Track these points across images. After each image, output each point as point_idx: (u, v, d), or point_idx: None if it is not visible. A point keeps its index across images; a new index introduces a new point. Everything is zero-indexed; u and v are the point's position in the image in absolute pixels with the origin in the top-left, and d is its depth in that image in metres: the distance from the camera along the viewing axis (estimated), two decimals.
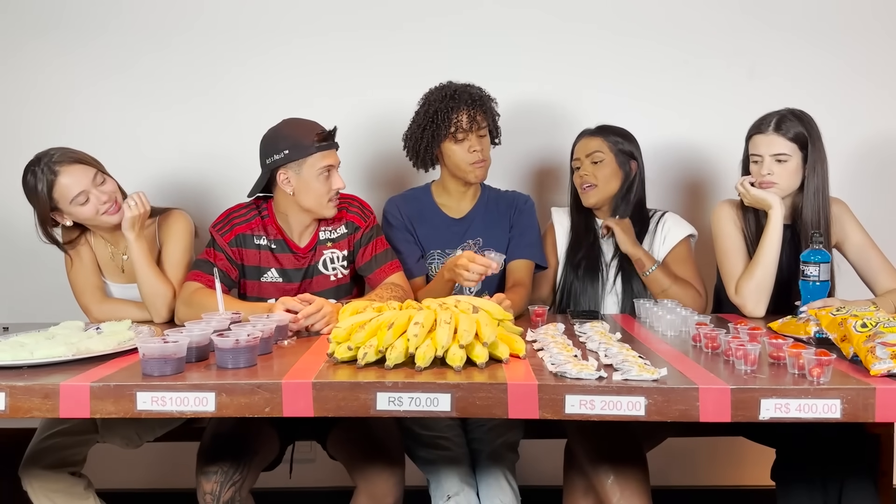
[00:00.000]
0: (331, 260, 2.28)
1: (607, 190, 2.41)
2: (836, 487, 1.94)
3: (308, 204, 2.18)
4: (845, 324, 1.64)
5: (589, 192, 2.41)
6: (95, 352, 1.67)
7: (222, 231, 2.22)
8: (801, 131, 2.20)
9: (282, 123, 2.20)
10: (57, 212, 2.13)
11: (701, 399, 1.42)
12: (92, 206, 2.12)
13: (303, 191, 2.16)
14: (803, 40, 2.82)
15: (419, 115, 2.37)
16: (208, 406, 1.46)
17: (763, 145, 2.22)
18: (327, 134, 2.17)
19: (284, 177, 2.16)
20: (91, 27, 2.83)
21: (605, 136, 2.41)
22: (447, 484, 1.98)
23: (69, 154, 2.12)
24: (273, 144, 2.15)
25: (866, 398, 1.42)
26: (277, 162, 2.14)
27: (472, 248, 2.39)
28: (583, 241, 2.46)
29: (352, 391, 1.46)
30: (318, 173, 2.14)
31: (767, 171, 2.20)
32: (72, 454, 2.05)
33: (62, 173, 2.09)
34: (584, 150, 2.42)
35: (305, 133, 2.14)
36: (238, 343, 1.56)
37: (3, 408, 1.47)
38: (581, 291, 2.40)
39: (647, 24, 2.83)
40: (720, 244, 2.32)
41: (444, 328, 1.57)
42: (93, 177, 2.12)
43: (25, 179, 2.12)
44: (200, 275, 2.16)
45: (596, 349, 1.72)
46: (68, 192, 2.09)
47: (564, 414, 1.44)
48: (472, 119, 2.30)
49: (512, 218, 2.45)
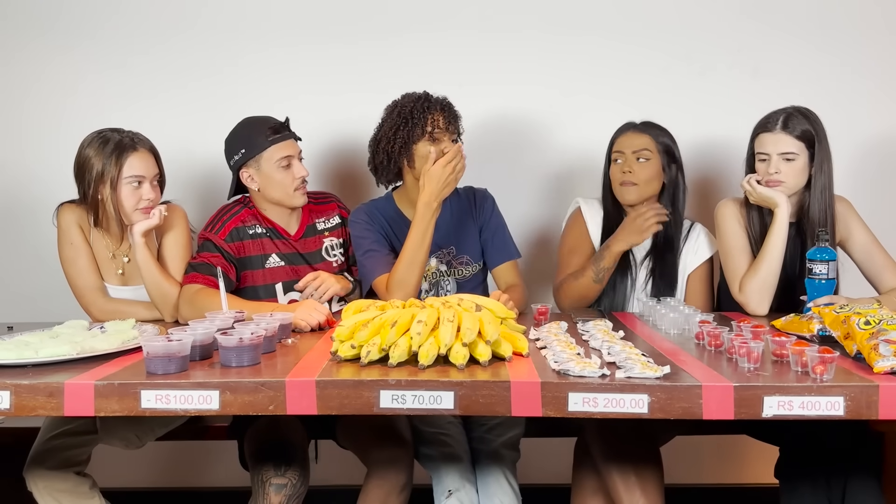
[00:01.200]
0: (331, 247, 2.36)
1: (648, 191, 2.34)
2: (840, 485, 1.94)
3: (276, 196, 2.26)
4: (848, 321, 1.64)
5: (628, 190, 2.33)
6: (100, 350, 1.67)
7: (215, 229, 2.25)
8: (808, 129, 2.20)
9: (238, 124, 2.28)
10: (103, 182, 2.12)
11: (704, 397, 1.42)
12: (137, 195, 2.16)
13: (267, 185, 2.24)
14: (806, 39, 2.81)
15: (390, 118, 2.25)
16: (212, 404, 1.46)
17: (770, 144, 2.21)
18: (279, 125, 2.24)
19: (247, 175, 2.24)
20: (91, 25, 2.84)
21: (653, 135, 2.33)
22: (448, 479, 1.99)
23: (150, 144, 2.22)
24: (231, 145, 2.24)
25: (870, 395, 1.41)
26: (238, 162, 2.23)
27: (445, 258, 2.36)
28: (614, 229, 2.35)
29: (355, 389, 1.47)
30: (278, 165, 2.21)
31: (775, 170, 2.20)
32: (76, 454, 2.05)
33: (140, 152, 2.16)
34: (629, 146, 2.33)
35: (258, 129, 2.22)
36: (242, 341, 1.57)
37: (9, 406, 1.48)
38: (609, 288, 2.36)
39: (649, 23, 2.83)
40: (724, 242, 2.32)
41: (447, 326, 1.57)
42: (154, 174, 2.20)
43: (101, 135, 2.15)
44: (198, 276, 2.17)
45: (599, 347, 1.72)
46: (131, 169, 2.14)
47: (567, 412, 1.44)
48: (448, 121, 2.23)
49: (476, 217, 2.38)
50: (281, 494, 1.86)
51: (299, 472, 1.91)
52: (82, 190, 2.17)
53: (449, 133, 2.23)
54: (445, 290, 2.36)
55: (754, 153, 2.27)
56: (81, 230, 2.21)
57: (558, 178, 2.88)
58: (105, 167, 2.12)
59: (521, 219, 2.70)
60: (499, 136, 2.72)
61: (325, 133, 2.80)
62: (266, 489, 1.87)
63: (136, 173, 2.14)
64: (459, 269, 2.38)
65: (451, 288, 2.36)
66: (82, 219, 2.21)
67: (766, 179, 2.21)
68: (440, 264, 2.36)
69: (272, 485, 1.86)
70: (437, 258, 2.36)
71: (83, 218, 2.21)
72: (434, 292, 2.36)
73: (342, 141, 2.84)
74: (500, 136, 2.76)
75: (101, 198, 2.14)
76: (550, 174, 2.89)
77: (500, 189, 2.52)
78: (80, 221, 2.21)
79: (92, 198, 2.15)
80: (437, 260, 2.36)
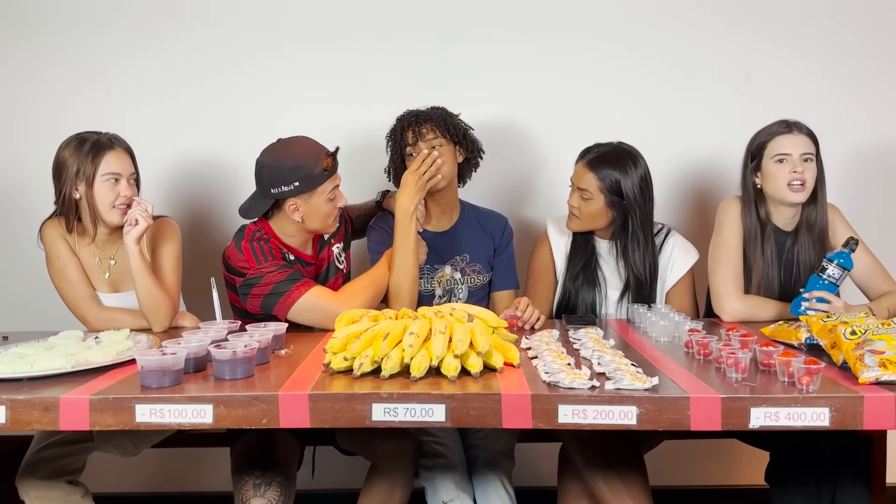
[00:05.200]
0: (338, 255, 2.34)
1: (590, 225, 2.34)
2: (829, 489, 1.97)
3: (315, 226, 2.18)
4: (835, 331, 1.66)
5: (571, 221, 2.36)
6: (94, 363, 1.68)
7: (269, 259, 2.10)
8: (811, 130, 2.25)
9: (285, 150, 2.13)
10: (79, 178, 2.14)
11: (692, 408, 1.44)
12: (115, 191, 2.15)
13: (311, 216, 2.14)
14: (796, 46, 2.83)
15: (387, 143, 2.41)
16: (206, 418, 1.48)
17: (791, 145, 2.22)
18: (333, 158, 2.15)
19: (293, 206, 2.12)
20: (84, 26, 2.83)
21: (597, 172, 2.28)
22: (443, 490, 2.01)
23: (126, 144, 2.23)
24: (280, 176, 2.08)
25: (854, 406, 1.43)
26: (286, 193, 2.10)
27: (459, 265, 2.42)
28: (579, 256, 2.40)
29: (348, 402, 1.48)
30: (328, 198, 2.14)
31: (802, 169, 2.20)
32: (69, 463, 2.06)
33: (116, 150, 2.17)
34: (575, 179, 2.34)
35: (314, 162, 2.09)
36: (235, 355, 1.58)
37: (4, 421, 1.49)
38: (579, 302, 2.38)
39: (639, 28, 2.84)
40: (720, 240, 2.30)
41: (438, 338, 1.59)
42: (131, 173, 2.20)
43: (79, 136, 2.17)
44: (308, 282, 2.12)
45: (589, 357, 1.73)
46: (108, 166, 2.14)
47: (557, 424, 1.46)
48: (416, 134, 2.31)
49: (496, 242, 2.47)
50: None
51: (280, 491, 1.90)
52: (58, 189, 2.17)
53: (424, 143, 2.31)
54: (458, 297, 2.43)
55: (761, 161, 2.26)
56: (67, 242, 2.21)
57: (548, 183, 2.89)
58: (81, 165, 2.13)
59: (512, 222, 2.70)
60: (492, 140, 2.73)
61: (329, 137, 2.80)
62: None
63: (113, 170, 2.14)
64: (472, 277, 2.44)
65: (464, 295, 2.43)
66: (65, 231, 2.21)
67: (791, 181, 2.21)
68: (454, 272, 2.42)
69: (249, 500, 1.87)
70: (451, 266, 2.42)
71: (66, 230, 2.22)
72: (447, 299, 2.42)
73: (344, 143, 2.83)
74: (494, 141, 2.76)
75: (78, 195, 2.15)
76: (542, 179, 2.90)
77: (491, 193, 2.54)
78: (63, 234, 2.21)
79: (68, 197, 2.15)
80: (452, 268, 2.42)
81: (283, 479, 1.92)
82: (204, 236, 2.84)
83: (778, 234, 2.30)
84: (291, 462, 2.05)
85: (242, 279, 2.11)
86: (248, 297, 2.11)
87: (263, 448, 1.98)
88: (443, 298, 2.41)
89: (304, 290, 2.07)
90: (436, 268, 2.40)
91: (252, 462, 1.94)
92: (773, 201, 2.28)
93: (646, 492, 1.92)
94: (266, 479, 1.90)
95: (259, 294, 2.09)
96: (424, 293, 2.39)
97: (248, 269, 2.09)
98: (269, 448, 1.99)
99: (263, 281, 2.08)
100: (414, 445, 2.05)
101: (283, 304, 2.07)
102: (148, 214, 2.13)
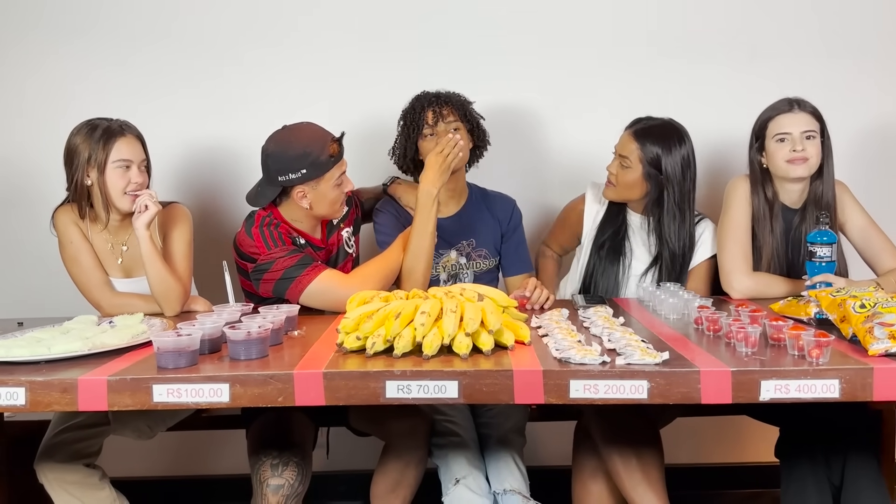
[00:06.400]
0: (348, 239, 2.35)
1: (625, 195, 2.38)
2: (839, 463, 1.98)
3: (323, 212, 2.18)
4: (844, 305, 1.67)
5: (608, 188, 2.40)
6: (110, 346, 1.71)
7: (279, 244, 2.11)
8: (817, 111, 2.25)
9: (290, 137, 2.12)
10: (90, 165, 2.15)
11: (702, 382, 1.46)
12: (126, 178, 2.16)
13: (318, 202, 2.14)
14: (802, 24, 2.81)
15: (401, 119, 2.41)
16: (223, 397, 1.50)
17: (791, 123, 2.22)
18: (339, 143, 2.14)
19: (301, 193, 2.12)
20: (92, 18, 2.83)
21: (640, 142, 2.31)
22: (456, 467, 2.03)
23: (137, 131, 2.24)
24: (287, 163, 2.08)
25: (864, 378, 1.45)
26: (294, 181, 2.10)
27: (465, 250, 2.43)
28: (609, 224, 2.43)
29: (362, 380, 1.50)
30: (335, 184, 2.14)
31: (801, 147, 2.21)
32: (86, 446, 2.08)
33: (127, 137, 2.18)
34: (619, 146, 2.36)
35: (320, 148, 2.09)
36: (250, 335, 1.60)
37: (24, 402, 1.51)
38: (599, 273, 2.41)
39: (642, 8, 2.83)
40: (728, 219, 2.31)
41: (450, 317, 1.60)
42: (142, 160, 2.21)
43: (90, 122, 2.18)
44: (319, 266, 2.12)
45: (599, 334, 1.75)
46: (119, 153, 2.15)
47: (569, 398, 1.48)
48: (437, 115, 2.32)
49: (504, 225, 2.48)
50: (278, 495, 1.88)
51: (297, 471, 1.92)
52: (70, 176, 2.18)
53: (444, 125, 2.32)
54: (463, 282, 2.42)
55: (764, 140, 2.27)
56: (79, 228, 2.23)
57: (561, 167, 2.89)
58: (93, 151, 2.14)
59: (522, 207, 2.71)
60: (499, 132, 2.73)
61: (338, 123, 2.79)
62: (264, 490, 1.89)
63: (124, 157, 2.16)
64: (478, 262, 2.44)
65: (469, 280, 2.43)
66: (77, 218, 2.23)
67: (792, 158, 2.22)
68: (460, 256, 2.43)
69: (269, 485, 1.88)
70: (456, 250, 2.43)
71: (78, 217, 2.23)
72: (452, 284, 2.41)
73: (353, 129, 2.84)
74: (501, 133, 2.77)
75: (90, 182, 2.16)
76: (552, 163, 2.90)
77: (502, 179, 2.54)
78: (75, 221, 2.23)
79: (80, 183, 2.17)
80: (457, 252, 2.42)
81: (299, 459, 1.94)
82: (215, 222, 2.85)
83: (786, 212, 2.31)
84: (307, 443, 2.07)
85: (254, 265, 2.12)
86: (260, 283, 2.13)
87: (279, 429, 2.00)
88: (447, 283, 2.42)
89: (315, 275, 2.08)
90: (441, 253, 2.41)
91: (269, 443, 1.96)
92: (778, 179, 2.29)
93: (660, 470, 1.94)
94: (283, 460, 1.92)
95: (271, 279, 2.10)
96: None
97: (259, 254, 2.11)
98: (285, 429, 2.01)
99: (274, 266, 2.09)
100: (427, 424, 2.07)
101: (295, 289, 2.08)
102: (155, 200, 2.15)
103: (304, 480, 1.93)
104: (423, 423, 2.06)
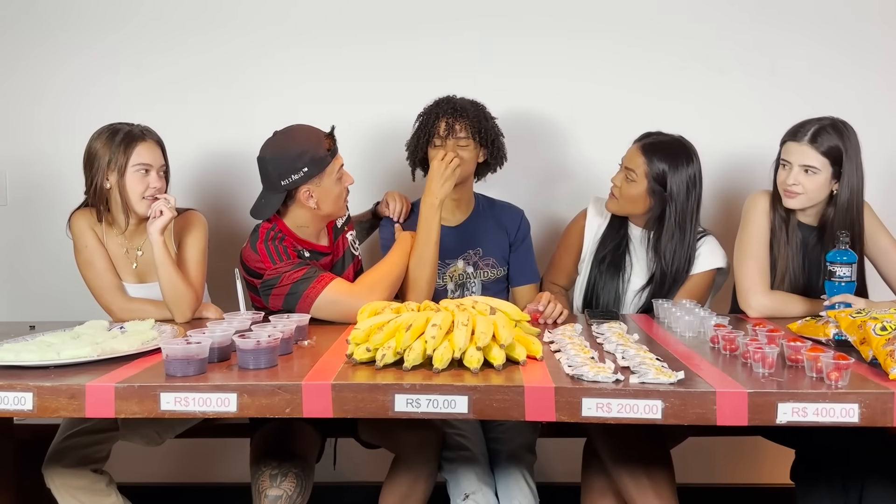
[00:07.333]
0: (352, 242, 2.35)
1: (627, 209, 2.36)
2: (856, 488, 1.94)
3: (329, 209, 2.17)
4: (864, 326, 1.63)
5: (610, 200, 2.38)
6: (120, 352, 1.70)
7: (283, 258, 2.11)
8: (837, 145, 2.15)
9: (285, 139, 2.12)
10: (110, 169, 2.16)
11: (718, 403, 1.43)
12: (145, 182, 2.18)
13: (324, 199, 2.14)
14: (822, 38, 2.79)
15: (416, 121, 2.41)
16: (230, 407, 1.49)
17: (794, 153, 2.18)
18: (332, 135, 2.15)
19: (307, 193, 2.11)
20: (107, 24, 2.85)
21: (647, 157, 2.29)
22: (465, 482, 2.00)
23: (157, 136, 2.25)
24: (288, 165, 2.08)
25: (885, 402, 1.41)
26: (297, 182, 2.09)
27: (472, 259, 2.42)
28: (611, 238, 2.42)
29: (370, 393, 1.48)
30: (336, 177, 2.14)
31: (794, 182, 2.17)
32: (94, 452, 2.09)
33: (147, 142, 2.20)
34: (626, 159, 2.34)
35: (316, 144, 2.10)
36: (259, 344, 1.59)
37: (31, 407, 1.50)
38: (602, 287, 2.39)
39: (663, 23, 2.81)
40: (746, 234, 2.28)
41: (461, 330, 1.58)
42: (161, 165, 2.23)
43: (111, 126, 2.20)
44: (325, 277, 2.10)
45: (613, 351, 1.72)
46: (139, 157, 2.17)
47: (581, 417, 1.45)
48: (449, 127, 2.31)
49: (511, 235, 2.47)
50: None
51: (296, 482, 1.90)
52: (90, 179, 2.19)
53: (452, 140, 2.31)
54: (471, 292, 2.42)
55: (779, 158, 2.24)
56: (95, 233, 2.24)
57: (574, 180, 2.87)
58: (113, 155, 2.15)
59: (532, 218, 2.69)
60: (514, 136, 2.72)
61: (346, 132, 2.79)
62: (262, 500, 1.87)
63: (144, 161, 2.17)
64: (485, 271, 2.42)
65: (477, 290, 2.42)
66: (94, 222, 2.24)
67: (784, 189, 2.20)
68: (467, 266, 2.41)
69: (267, 496, 1.87)
70: (463, 260, 2.41)
71: (94, 221, 2.24)
72: (460, 293, 2.41)
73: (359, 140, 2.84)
74: (516, 137, 2.75)
75: (109, 185, 2.17)
76: (565, 175, 2.88)
77: (513, 189, 2.52)
78: (92, 225, 2.23)
79: (99, 187, 2.17)
80: (464, 262, 2.41)
81: (300, 469, 1.92)
82: (228, 230, 2.85)
83: (803, 229, 2.27)
84: (310, 454, 2.06)
85: (261, 280, 2.11)
86: (269, 298, 2.12)
87: (282, 439, 1.99)
88: (455, 293, 2.40)
89: (323, 286, 2.07)
90: (448, 262, 2.39)
91: (270, 453, 1.95)
92: None
93: (671, 489, 1.90)
94: (283, 470, 1.90)
95: (279, 294, 2.09)
96: (436, 288, 2.36)
97: (265, 269, 2.10)
98: (288, 439, 2.00)
99: (281, 281, 2.08)
100: (439, 438, 2.05)
101: (304, 303, 2.07)
102: (171, 206, 2.15)
103: (303, 492, 1.91)
104: (434, 437, 2.04)
